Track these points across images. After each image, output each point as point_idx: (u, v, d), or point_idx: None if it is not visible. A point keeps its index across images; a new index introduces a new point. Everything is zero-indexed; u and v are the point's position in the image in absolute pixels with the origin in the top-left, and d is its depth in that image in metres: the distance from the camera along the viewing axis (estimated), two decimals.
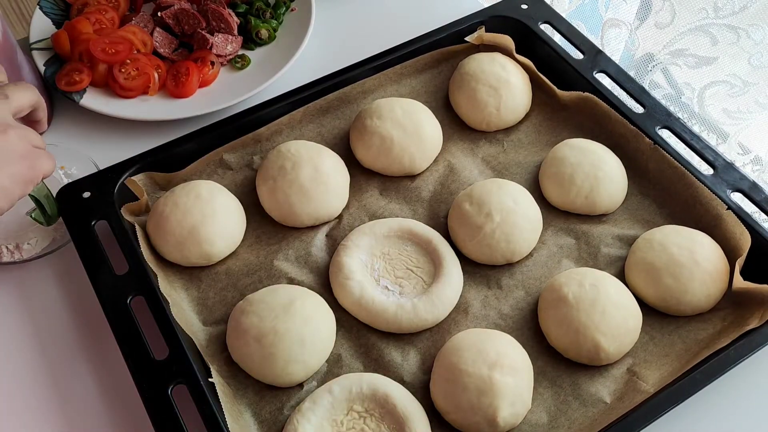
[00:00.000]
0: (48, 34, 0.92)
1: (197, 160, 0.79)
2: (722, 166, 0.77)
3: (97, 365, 0.70)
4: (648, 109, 0.82)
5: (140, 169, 0.78)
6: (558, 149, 0.80)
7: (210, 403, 0.62)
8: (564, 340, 0.67)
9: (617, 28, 1.03)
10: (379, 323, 0.69)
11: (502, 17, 0.92)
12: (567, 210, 0.79)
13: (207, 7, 0.93)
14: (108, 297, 0.68)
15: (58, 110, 0.89)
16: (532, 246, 0.75)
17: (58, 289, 0.75)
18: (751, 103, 0.94)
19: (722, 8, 0.89)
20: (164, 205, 0.74)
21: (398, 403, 0.63)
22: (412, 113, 0.81)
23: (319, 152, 0.78)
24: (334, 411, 0.63)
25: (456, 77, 0.87)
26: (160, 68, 0.89)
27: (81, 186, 0.76)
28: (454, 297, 0.71)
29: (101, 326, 0.70)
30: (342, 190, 0.78)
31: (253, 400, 0.66)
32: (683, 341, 0.69)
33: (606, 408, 0.65)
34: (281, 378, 0.65)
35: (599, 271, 0.71)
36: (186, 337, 0.66)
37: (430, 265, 0.73)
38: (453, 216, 0.76)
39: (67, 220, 0.74)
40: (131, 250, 0.71)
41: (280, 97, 0.84)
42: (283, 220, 0.77)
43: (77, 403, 0.68)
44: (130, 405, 0.67)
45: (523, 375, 0.64)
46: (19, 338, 0.72)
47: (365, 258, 0.73)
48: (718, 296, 0.71)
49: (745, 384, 0.69)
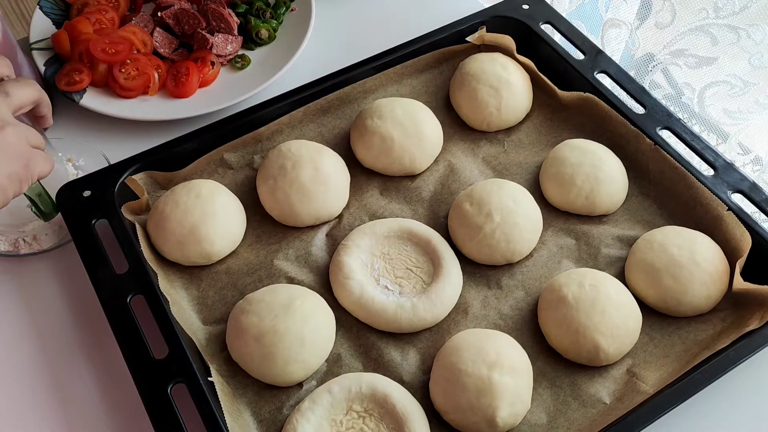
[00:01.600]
0: (48, 34, 0.92)
1: (198, 160, 0.79)
2: (722, 167, 0.77)
3: (96, 364, 0.70)
4: (648, 109, 0.82)
5: (141, 168, 0.78)
6: (558, 150, 0.80)
7: (209, 402, 0.62)
8: (564, 341, 0.67)
9: (617, 28, 1.03)
10: (379, 323, 0.69)
11: (503, 17, 0.92)
12: (567, 210, 0.79)
13: (207, 7, 0.93)
14: (108, 296, 0.68)
15: (58, 110, 0.89)
16: (532, 246, 0.75)
17: (58, 287, 0.75)
18: (751, 103, 0.94)
19: (722, 8, 0.89)
20: (165, 204, 0.74)
21: (397, 403, 0.63)
22: (413, 113, 0.81)
23: (319, 152, 0.78)
24: (334, 411, 0.63)
25: (457, 77, 0.87)
26: (160, 68, 0.89)
27: (81, 185, 0.76)
28: (453, 297, 0.71)
29: (101, 325, 0.70)
30: (342, 190, 0.78)
31: (252, 399, 0.66)
32: (683, 342, 0.69)
33: (605, 408, 0.65)
34: (281, 377, 0.65)
35: (599, 271, 0.71)
36: (186, 337, 0.66)
37: (429, 265, 0.73)
38: (453, 216, 0.76)
39: (68, 218, 0.74)
40: (131, 249, 0.71)
41: (280, 96, 0.84)
42: (283, 220, 0.77)
43: (77, 401, 0.68)
44: (130, 404, 0.67)
45: (523, 375, 0.64)
46: (18, 336, 0.72)
47: (365, 258, 0.73)
48: (718, 297, 0.71)
49: (745, 385, 0.69)
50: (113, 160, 0.81)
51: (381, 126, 0.80)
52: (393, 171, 0.81)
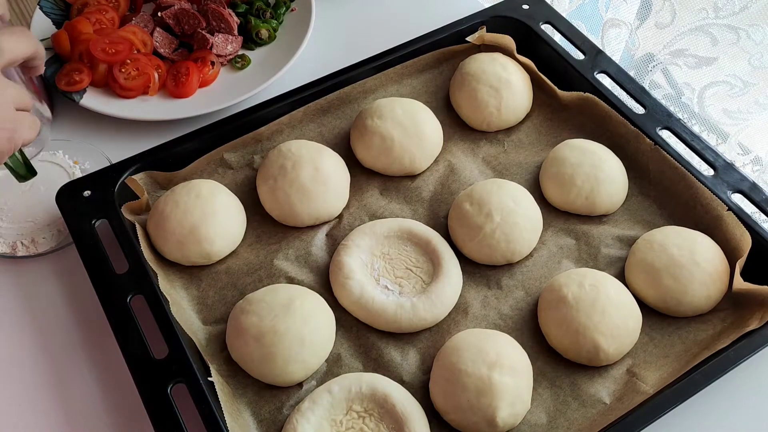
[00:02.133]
0: (48, 34, 0.92)
1: (198, 160, 0.79)
2: (722, 167, 0.77)
3: (97, 364, 0.70)
4: (648, 109, 0.82)
5: (141, 168, 0.78)
6: (558, 149, 0.80)
7: (209, 402, 0.62)
8: (564, 341, 0.67)
9: (617, 28, 1.03)
10: (379, 323, 0.69)
11: (503, 17, 0.92)
12: (567, 210, 0.79)
13: (207, 7, 0.93)
14: (108, 296, 0.68)
15: (59, 110, 0.89)
16: (532, 246, 0.75)
17: (58, 287, 0.75)
18: (751, 103, 0.94)
19: (722, 8, 0.89)
20: (165, 204, 0.74)
21: (397, 403, 0.63)
22: (413, 113, 0.81)
23: (319, 152, 0.78)
24: (334, 411, 0.63)
25: (457, 77, 0.87)
26: (160, 68, 0.89)
27: (81, 185, 0.76)
28: (453, 297, 0.71)
29: (101, 325, 0.70)
30: (342, 190, 0.78)
31: (252, 399, 0.66)
32: (683, 342, 0.69)
33: (605, 408, 0.65)
34: (281, 377, 0.65)
35: (599, 271, 0.71)
36: (186, 336, 0.66)
37: (429, 265, 0.73)
38: (453, 216, 0.76)
39: (68, 218, 0.74)
40: (131, 249, 0.71)
41: (280, 96, 0.84)
42: (283, 220, 0.77)
43: (77, 401, 0.68)
44: (130, 404, 0.67)
45: (523, 375, 0.64)
46: (19, 336, 0.72)
47: (365, 258, 0.73)
48: (718, 297, 0.71)
49: (745, 385, 0.69)
50: (113, 160, 0.81)
51: (381, 126, 0.80)
52: (393, 171, 0.81)
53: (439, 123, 0.84)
